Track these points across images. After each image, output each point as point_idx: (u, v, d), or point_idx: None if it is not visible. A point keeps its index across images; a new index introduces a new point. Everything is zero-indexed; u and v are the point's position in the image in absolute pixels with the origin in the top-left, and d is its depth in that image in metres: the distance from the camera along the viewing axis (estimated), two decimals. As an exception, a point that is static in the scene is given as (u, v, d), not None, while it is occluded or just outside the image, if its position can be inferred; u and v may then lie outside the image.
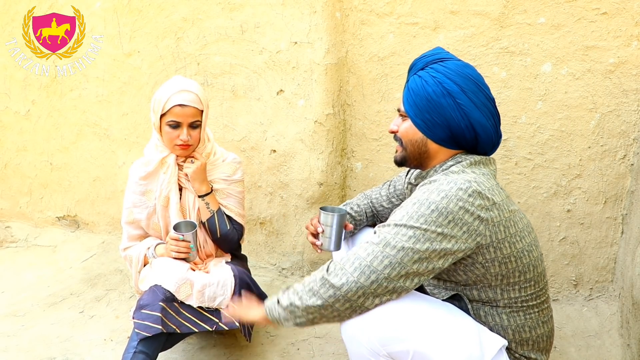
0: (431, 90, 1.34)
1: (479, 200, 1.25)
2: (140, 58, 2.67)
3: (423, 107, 1.36)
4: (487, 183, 1.30)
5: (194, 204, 1.91)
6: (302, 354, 1.99)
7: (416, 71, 1.41)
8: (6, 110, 3.00)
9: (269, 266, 2.65)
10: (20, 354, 2.00)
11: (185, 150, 1.85)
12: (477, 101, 1.34)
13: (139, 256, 1.90)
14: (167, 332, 1.64)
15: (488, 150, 1.41)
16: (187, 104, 1.78)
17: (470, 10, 2.14)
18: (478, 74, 1.38)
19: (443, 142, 1.38)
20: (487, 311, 1.36)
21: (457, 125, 1.34)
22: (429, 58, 1.40)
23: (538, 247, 1.38)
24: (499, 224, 1.27)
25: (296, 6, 2.32)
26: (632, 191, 2.10)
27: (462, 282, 1.36)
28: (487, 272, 1.31)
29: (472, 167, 1.35)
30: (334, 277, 1.26)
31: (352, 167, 2.51)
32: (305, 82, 2.38)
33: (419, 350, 1.25)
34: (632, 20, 1.99)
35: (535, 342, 1.37)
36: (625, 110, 2.07)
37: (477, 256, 1.29)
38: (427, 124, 1.37)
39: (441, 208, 1.23)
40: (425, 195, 1.27)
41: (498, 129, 1.41)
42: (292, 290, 1.34)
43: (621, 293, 2.07)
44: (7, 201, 3.15)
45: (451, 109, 1.34)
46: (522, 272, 1.32)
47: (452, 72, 1.35)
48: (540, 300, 1.37)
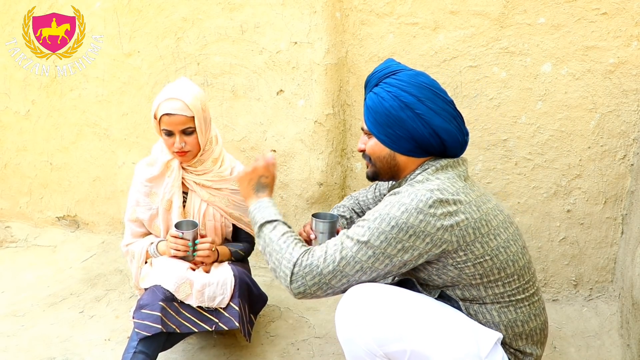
0: (388, 105, 1.36)
1: (441, 209, 1.26)
2: (140, 58, 2.67)
3: (384, 122, 1.38)
4: (452, 187, 1.31)
5: (199, 208, 1.91)
6: (302, 354, 1.99)
7: (371, 88, 1.42)
8: (6, 110, 3.00)
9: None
10: (20, 354, 2.00)
11: (184, 157, 1.82)
12: (435, 107, 1.35)
13: (141, 251, 1.90)
14: (166, 331, 1.64)
15: (457, 151, 1.41)
16: (174, 113, 1.73)
17: (470, 10, 2.14)
18: (432, 80, 1.39)
19: (411, 153, 1.39)
20: (477, 309, 1.36)
21: (420, 135, 1.35)
22: (380, 73, 1.42)
23: (517, 241, 1.37)
24: (466, 227, 1.27)
25: (296, 6, 2.32)
26: (632, 191, 2.10)
27: (441, 284, 1.37)
28: (461, 272, 1.31)
29: (437, 174, 1.36)
30: (294, 283, 1.32)
31: (352, 167, 2.51)
32: (305, 82, 2.38)
33: (416, 349, 1.26)
34: (632, 21, 1.99)
35: (529, 336, 1.38)
36: (625, 111, 2.07)
37: (446, 259, 1.30)
38: (391, 138, 1.38)
39: (401, 223, 1.25)
40: (387, 210, 1.28)
41: (462, 129, 1.41)
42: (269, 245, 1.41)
43: (621, 293, 2.07)
44: (7, 201, 3.15)
45: (412, 120, 1.35)
46: (500, 269, 1.32)
47: (405, 83, 1.36)
48: (529, 294, 1.37)
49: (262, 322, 2.18)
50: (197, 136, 1.80)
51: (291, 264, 1.32)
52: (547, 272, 2.28)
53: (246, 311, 1.82)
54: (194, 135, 1.79)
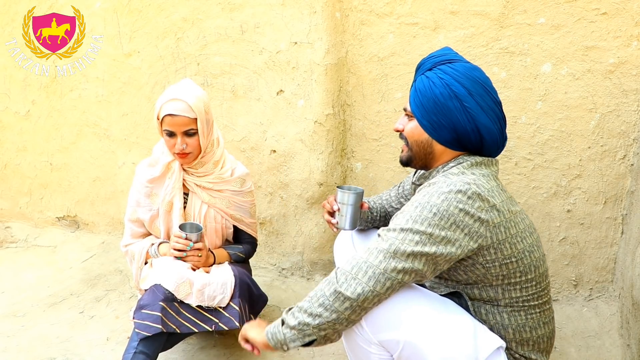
0: (439, 92, 1.34)
1: (479, 202, 1.25)
2: (140, 58, 2.67)
3: (430, 108, 1.36)
4: (487, 185, 1.30)
5: (200, 209, 1.91)
6: (302, 354, 1.99)
7: (424, 71, 1.40)
8: (6, 111, 3.00)
9: (269, 266, 2.65)
10: (20, 354, 2.00)
11: (185, 158, 1.82)
12: (484, 105, 1.34)
13: (141, 252, 1.90)
14: (167, 332, 1.64)
15: (493, 152, 1.41)
16: (177, 114, 1.73)
17: (470, 10, 2.14)
18: (486, 77, 1.38)
19: (448, 144, 1.38)
20: (488, 309, 1.36)
21: (463, 128, 1.34)
22: (437, 59, 1.40)
23: (540, 248, 1.37)
24: (499, 225, 1.27)
25: (296, 6, 2.32)
26: (632, 191, 2.10)
27: (463, 281, 1.36)
28: (487, 272, 1.31)
29: (472, 169, 1.35)
30: (347, 289, 1.24)
31: (352, 167, 2.51)
32: (305, 82, 2.38)
33: (410, 340, 1.25)
34: (632, 21, 1.99)
35: (536, 343, 1.37)
36: (625, 111, 2.07)
37: (477, 257, 1.29)
38: (434, 125, 1.37)
39: (442, 211, 1.23)
40: (426, 198, 1.27)
41: (504, 132, 1.41)
42: (297, 309, 1.30)
43: (621, 293, 2.07)
44: (7, 201, 3.15)
45: (458, 112, 1.33)
46: (523, 273, 1.32)
47: (460, 74, 1.34)
48: (542, 301, 1.37)
49: (262, 322, 2.18)
50: (199, 138, 1.80)
51: (332, 282, 1.27)
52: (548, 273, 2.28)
53: (246, 311, 1.82)
54: (195, 137, 1.79)
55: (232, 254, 1.97)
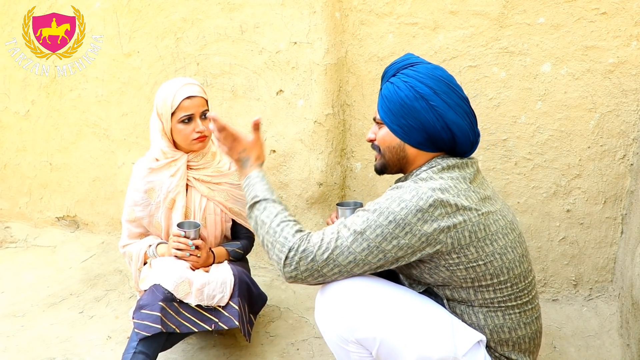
0: (404, 94, 1.36)
1: (440, 209, 1.26)
2: (139, 58, 2.67)
3: (398, 112, 1.38)
4: (455, 189, 1.30)
5: (199, 204, 1.91)
6: (302, 354, 1.99)
7: (388, 78, 1.43)
8: (6, 111, 3.00)
9: (269, 266, 2.65)
10: (19, 354, 2.00)
11: (203, 141, 1.88)
12: (450, 102, 1.36)
13: (139, 253, 1.90)
14: (166, 331, 1.64)
15: (467, 149, 1.41)
16: (195, 95, 1.83)
17: (469, 10, 2.14)
18: (449, 75, 1.40)
19: (421, 146, 1.39)
20: (463, 310, 1.35)
21: (432, 128, 1.35)
22: (399, 64, 1.42)
23: (517, 249, 1.35)
24: (462, 230, 1.27)
25: (296, 6, 2.32)
26: (632, 191, 2.10)
27: (432, 283, 1.37)
28: (453, 274, 1.31)
29: (442, 173, 1.35)
30: (287, 267, 1.32)
31: (351, 167, 2.51)
32: (305, 82, 2.38)
33: (386, 338, 1.26)
34: (631, 20, 1.99)
35: (516, 344, 1.36)
36: (625, 110, 2.07)
37: (438, 260, 1.30)
38: (404, 129, 1.38)
39: (399, 220, 1.25)
40: (387, 204, 1.29)
41: (475, 128, 1.41)
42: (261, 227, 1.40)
43: (621, 293, 2.07)
44: (7, 201, 3.15)
45: (425, 112, 1.35)
46: (494, 275, 1.30)
47: (423, 75, 1.36)
48: (521, 302, 1.35)
49: (262, 322, 2.18)
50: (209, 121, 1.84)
51: (286, 248, 1.32)
52: (547, 272, 2.28)
53: (246, 311, 1.82)
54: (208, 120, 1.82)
55: (230, 250, 1.97)
